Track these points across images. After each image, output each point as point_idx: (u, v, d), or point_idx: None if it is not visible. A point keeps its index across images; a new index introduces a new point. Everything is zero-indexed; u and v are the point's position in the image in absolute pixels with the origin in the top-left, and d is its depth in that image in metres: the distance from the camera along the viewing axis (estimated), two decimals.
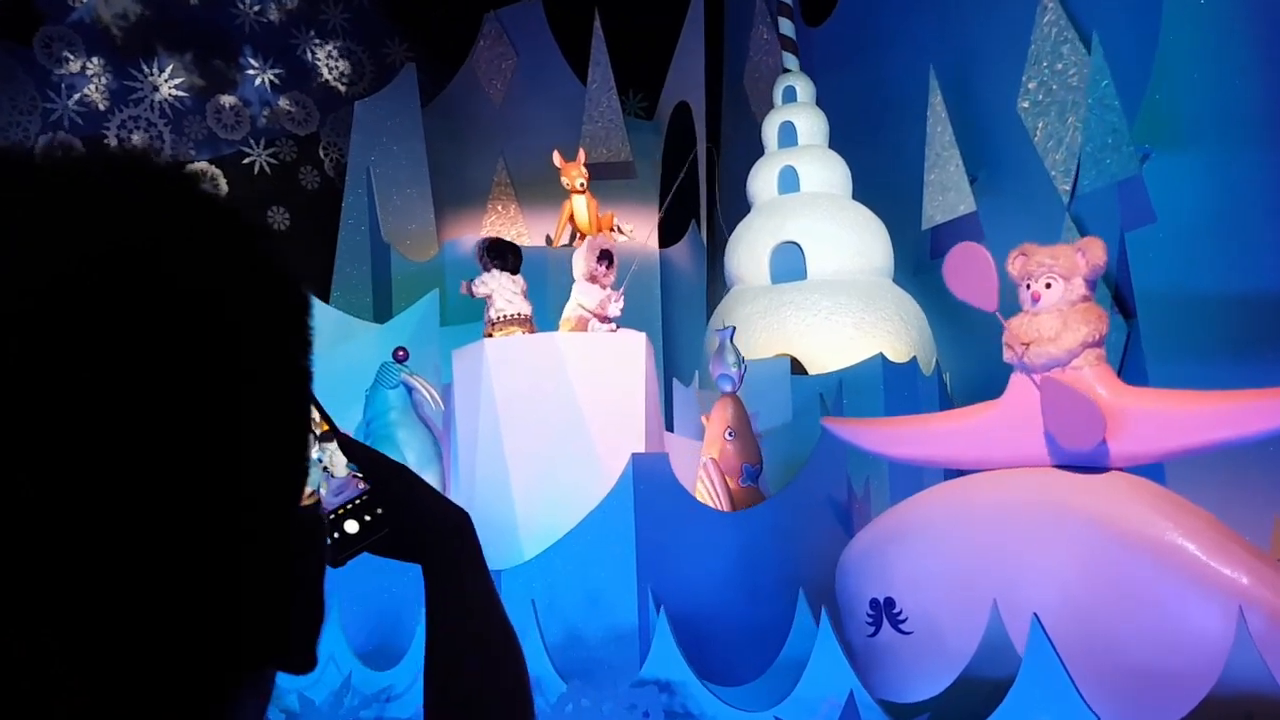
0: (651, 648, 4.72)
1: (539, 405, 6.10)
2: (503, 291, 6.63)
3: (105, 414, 0.50)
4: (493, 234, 10.54)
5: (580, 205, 9.59)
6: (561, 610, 5.24)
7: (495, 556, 5.93)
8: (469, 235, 9.50)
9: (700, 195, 9.86)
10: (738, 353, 6.13)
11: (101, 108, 9.64)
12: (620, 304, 6.34)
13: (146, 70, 9.89)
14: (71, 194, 0.55)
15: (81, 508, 0.49)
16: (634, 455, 5.38)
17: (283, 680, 0.62)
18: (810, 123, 7.47)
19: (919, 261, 7.60)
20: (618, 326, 6.34)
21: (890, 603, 4.59)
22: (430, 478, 7.10)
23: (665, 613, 4.94)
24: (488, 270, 6.72)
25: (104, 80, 9.65)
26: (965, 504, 4.62)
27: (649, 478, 5.31)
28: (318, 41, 10.91)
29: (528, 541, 5.99)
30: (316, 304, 0.64)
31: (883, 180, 7.60)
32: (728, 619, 5.36)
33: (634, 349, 6.18)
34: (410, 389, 7.08)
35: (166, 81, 9.98)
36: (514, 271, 6.76)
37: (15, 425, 0.48)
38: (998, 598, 4.15)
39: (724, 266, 7.69)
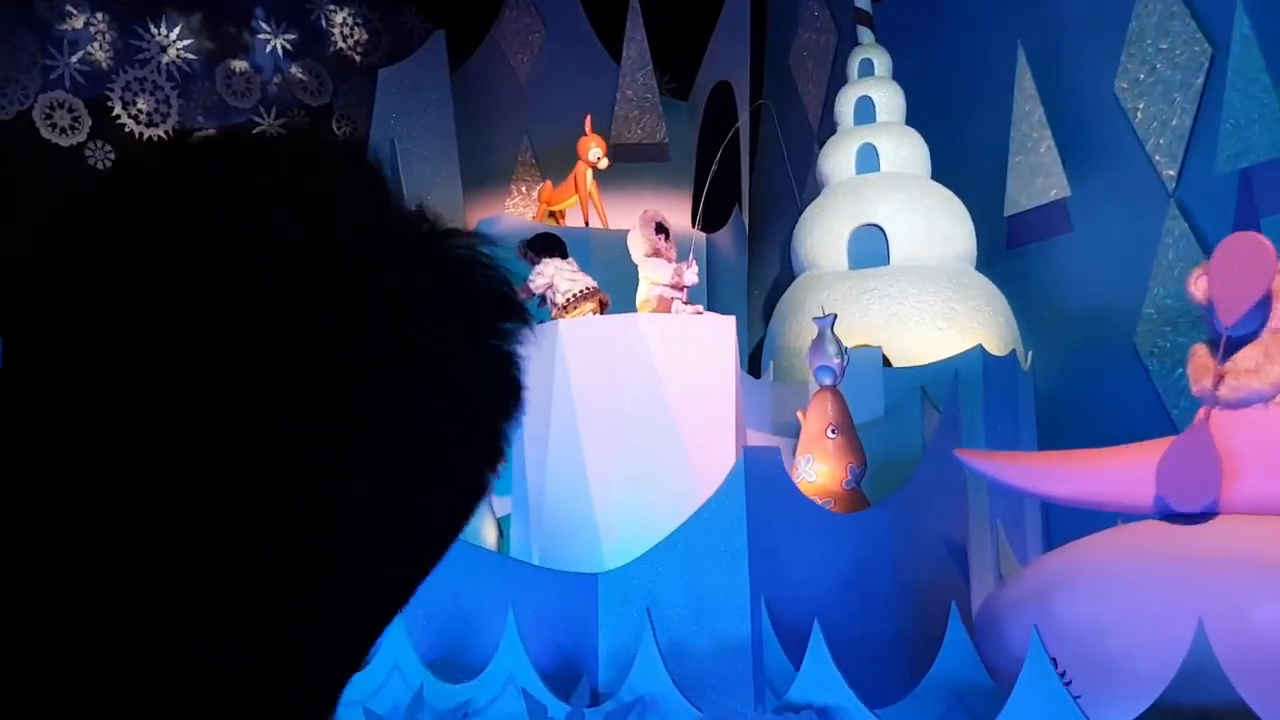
0: (803, 666, 4.14)
1: (619, 392, 5.51)
2: (562, 273, 6.04)
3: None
4: (516, 215, 9.94)
5: (588, 180, 8.93)
6: (665, 618, 4.65)
7: (570, 559, 5.33)
8: (497, 215, 8.86)
9: (742, 179, 9.29)
10: (839, 342, 5.59)
11: (105, 67, 8.86)
12: (695, 270, 5.77)
13: (154, 30, 9.12)
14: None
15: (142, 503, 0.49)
16: (746, 449, 4.81)
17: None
18: (889, 98, 6.95)
19: (993, 250, 7.10)
20: (693, 303, 5.77)
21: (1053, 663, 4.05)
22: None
23: (805, 625, 4.38)
24: (535, 264, 6.13)
25: (108, 38, 8.87)
26: (1150, 554, 4.08)
27: (761, 474, 4.74)
28: (332, 7, 10.19)
29: (609, 543, 5.39)
30: None
31: (956, 162, 7.09)
32: (845, 631, 4.81)
33: (723, 332, 5.62)
34: None
35: (174, 43, 9.21)
36: (563, 256, 6.18)
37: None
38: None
39: (791, 251, 7.13)
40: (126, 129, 8.98)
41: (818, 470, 5.46)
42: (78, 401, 0.49)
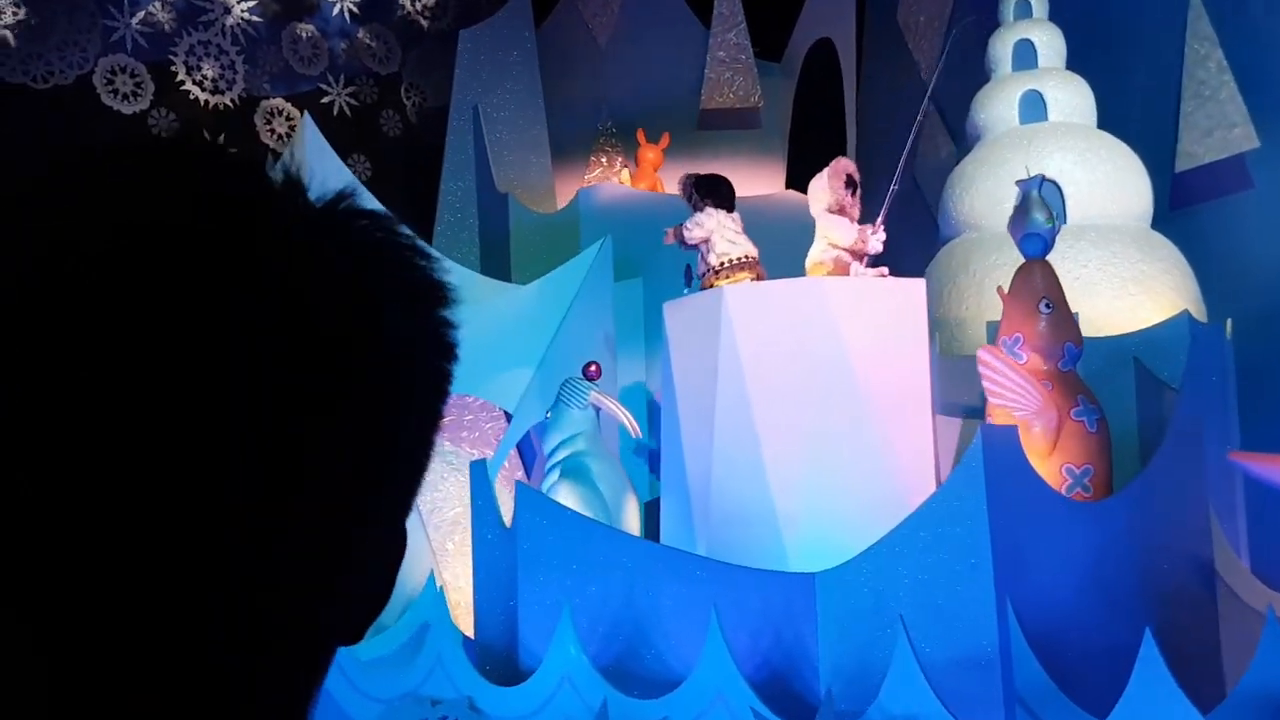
0: (1128, 689, 3.40)
1: (798, 366, 4.76)
2: (723, 231, 5.27)
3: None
4: (619, 182, 9.16)
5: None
6: (894, 625, 3.91)
7: (745, 553, 4.59)
8: (599, 183, 8.10)
9: (848, 142, 8.52)
10: (1049, 207, 4.86)
11: (168, 29, 8.06)
12: (881, 237, 5.02)
13: None
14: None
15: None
16: (984, 426, 4.06)
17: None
18: (1050, 40, 6.18)
19: (1157, 209, 6.34)
20: (874, 265, 5.02)
21: None
22: (628, 513, 5.63)
23: (1051, 631, 3.65)
24: (699, 210, 5.36)
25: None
26: None
27: (1000, 458, 3.99)
28: None
29: (792, 536, 4.65)
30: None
31: (1115, 112, 6.33)
32: (1094, 637, 4.07)
33: (914, 297, 4.87)
34: (599, 410, 5.65)
35: (239, 3, 8.41)
36: (730, 209, 5.41)
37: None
38: None
39: (942, 211, 6.37)
40: (191, 96, 8.20)
41: (1029, 351, 4.67)
42: (74, 401, 0.49)
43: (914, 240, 6.89)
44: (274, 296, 0.51)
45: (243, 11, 8.44)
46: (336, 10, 9.01)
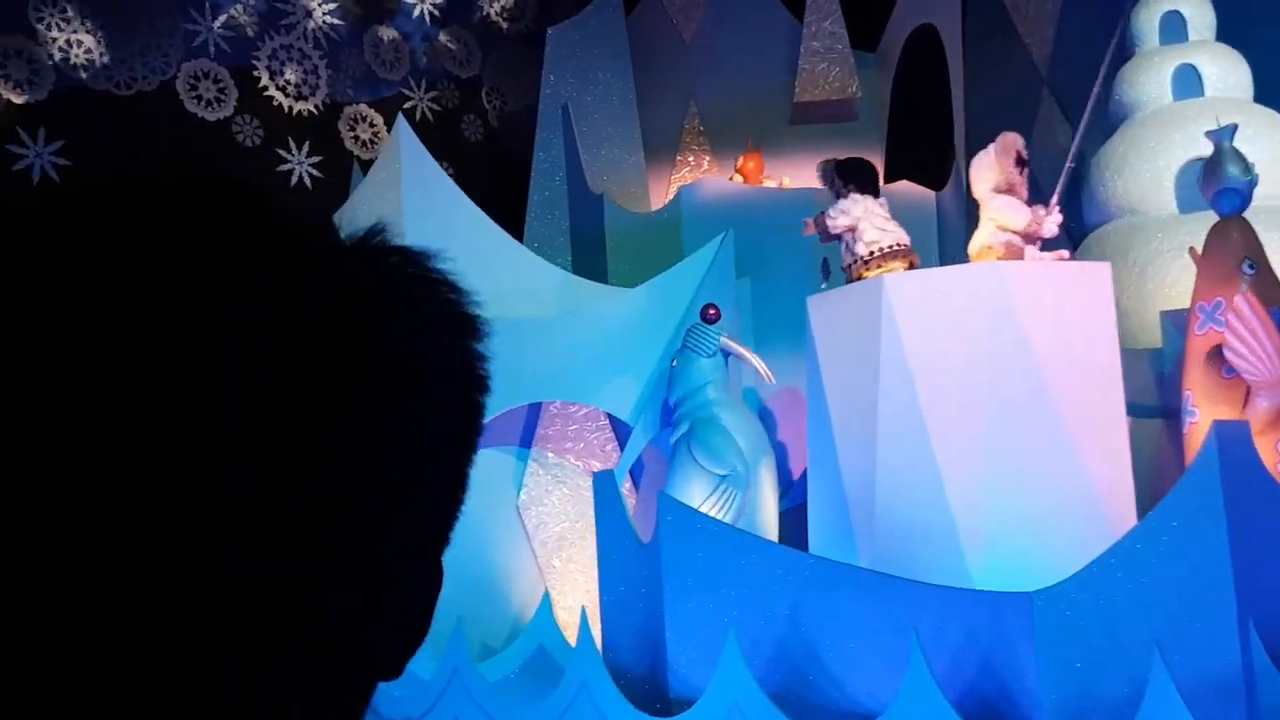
0: None
1: (974, 361, 4.27)
2: (871, 218, 4.81)
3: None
4: (717, 176, 8.73)
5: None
6: (1126, 649, 3.41)
7: (925, 571, 4.11)
8: (700, 180, 7.67)
9: (956, 132, 8.02)
10: (1244, 160, 4.36)
11: (250, 33, 7.75)
12: (1058, 219, 4.54)
13: None
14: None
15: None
16: (1216, 424, 3.55)
17: None
18: (1199, 12, 5.68)
19: None
20: (1055, 250, 4.54)
21: None
22: (764, 469, 5.27)
23: None
24: (842, 196, 4.91)
25: (252, 1, 7.76)
26: None
27: (1234, 458, 3.49)
28: None
29: (974, 548, 4.16)
30: (542, 265, 2.14)
31: (1266, 85, 5.80)
32: None
33: (1099, 283, 4.37)
34: (727, 356, 5.22)
35: (320, 5, 8.10)
36: (876, 194, 4.95)
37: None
38: None
39: (1088, 195, 5.86)
40: (275, 102, 7.89)
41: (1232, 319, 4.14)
42: (70, 403, 0.49)
43: None
44: (269, 301, 0.52)
45: (324, 14, 8.12)
46: (417, 12, 8.68)
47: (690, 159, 8.90)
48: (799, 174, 8.11)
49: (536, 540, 6.75)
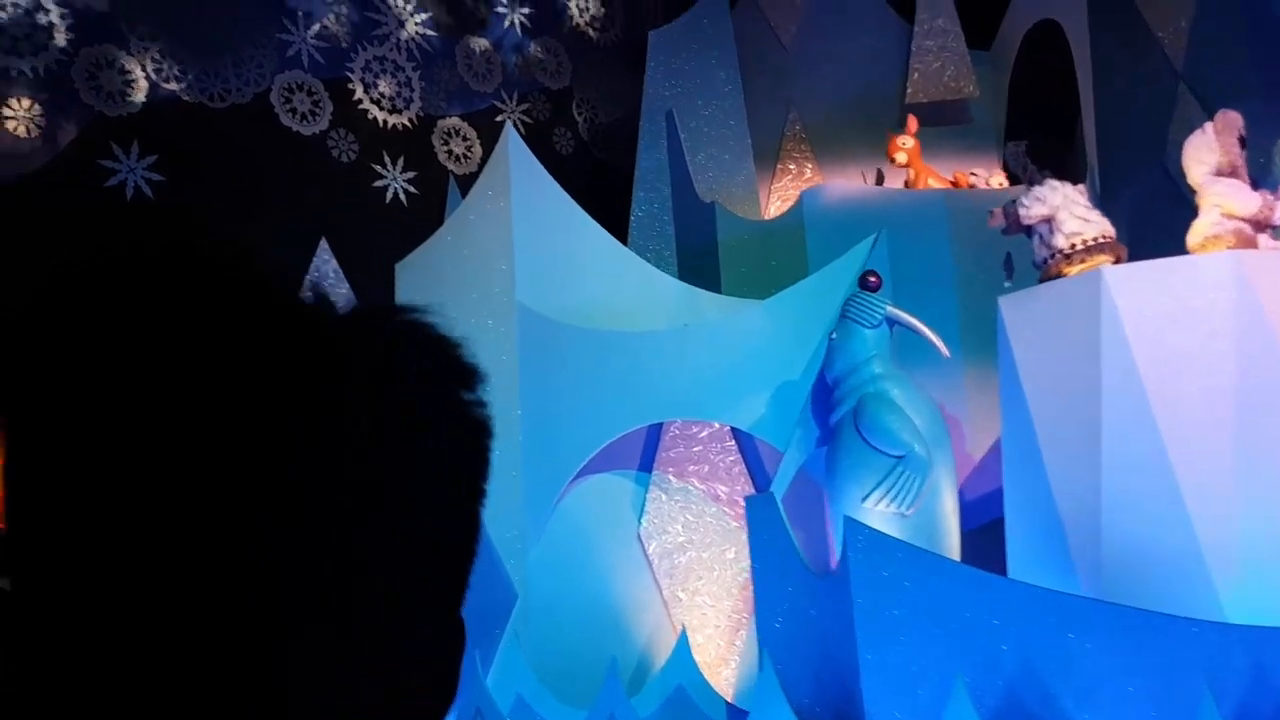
0: None
1: (1219, 364, 3.68)
2: (1071, 207, 4.24)
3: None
4: (791, 196, 8.23)
5: (910, 177, 7.27)
6: None
7: (1167, 602, 3.51)
8: (821, 183, 7.14)
9: (1086, 133, 7.44)
10: None
11: (343, 44, 7.36)
12: None
13: (390, 1, 7.62)
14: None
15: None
16: None
17: None
18: None
19: None
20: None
21: None
22: (943, 452, 4.66)
23: None
24: (1036, 183, 4.35)
25: (344, 10, 7.37)
26: None
27: None
28: None
29: (1224, 576, 3.55)
30: (659, 276, 2.02)
31: None
32: None
33: None
34: (892, 324, 4.65)
35: (412, 15, 7.70)
36: (1074, 180, 4.39)
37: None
38: None
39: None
40: (369, 115, 7.48)
41: None
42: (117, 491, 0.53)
43: (1165, 227, 5.80)
44: (290, 362, 0.57)
45: (417, 25, 7.72)
46: (508, 23, 8.27)
47: (791, 167, 8.37)
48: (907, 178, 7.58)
49: (660, 570, 6.19)
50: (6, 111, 6.03)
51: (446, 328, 0.63)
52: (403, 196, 7.56)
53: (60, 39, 6.15)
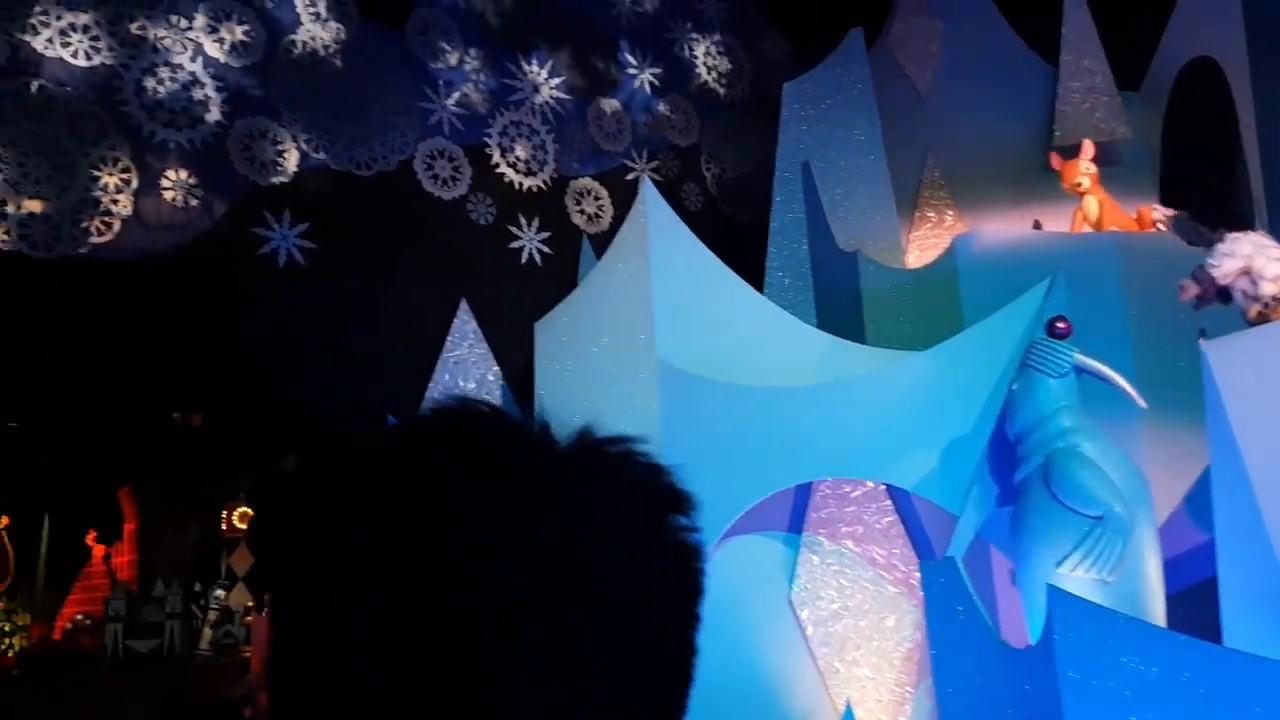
0: None
1: None
2: (1266, 251, 3.87)
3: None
4: (930, 244, 7.94)
5: (1091, 206, 6.90)
6: None
7: None
8: (974, 229, 6.85)
9: (1253, 169, 6.97)
10: None
11: (481, 110, 7.46)
12: None
13: (525, 66, 7.70)
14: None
15: None
16: None
17: None
18: None
19: None
20: None
21: None
22: (1145, 518, 4.27)
23: None
24: (1216, 241, 4.00)
25: (482, 78, 7.49)
26: None
27: None
28: (695, 36, 8.63)
29: None
30: (805, 329, 2.09)
31: None
32: None
33: None
34: (1080, 373, 4.31)
35: (546, 80, 7.77)
36: (1252, 225, 4.03)
37: None
38: None
39: None
40: (506, 179, 7.53)
41: None
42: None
43: None
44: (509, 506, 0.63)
45: (551, 89, 7.78)
46: (638, 83, 8.28)
47: (930, 215, 8.09)
48: (1059, 223, 7.22)
49: (814, 639, 5.86)
50: (164, 182, 6.25)
51: (658, 456, 0.68)
52: (537, 257, 7.56)
53: (215, 112, 6.37)
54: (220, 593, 15.68)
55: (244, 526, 15.98)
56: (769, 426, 5.68)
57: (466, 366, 7.03)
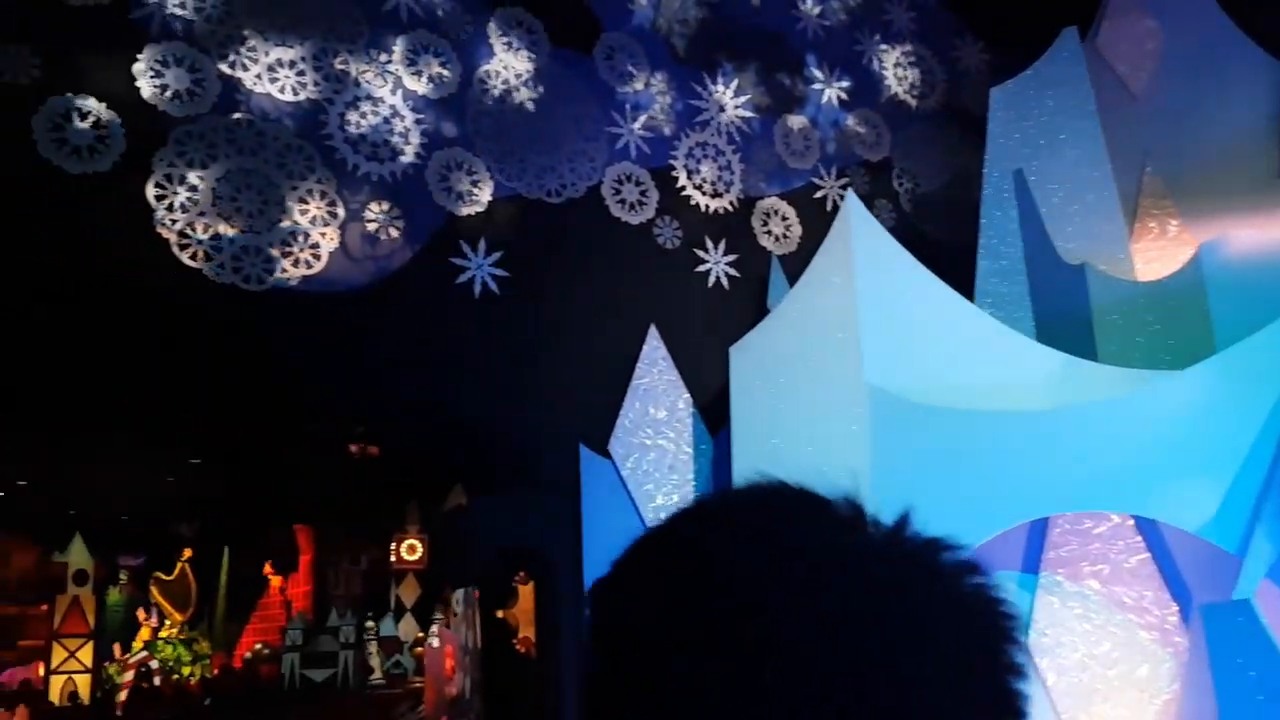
0: None
1: None
2: None
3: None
4: (1154, 255, 7.26)
5: None
6: None
7: None
8: (1226, 234, 6.20)
9: None
10: None
11: (667, 132, 7.28)
12: None
13: (711, 86, 7.49)
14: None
15: None
16: None
17: None
18: None
19: None
20: None
21: None
22: None
23: None
24: None
25: (668, 99, 7.31)
26: None
27: None
28: (884, 47, 8.25)
29: None
30: (1034, 348, 1.86)
31: None
32: None
33: None
34: None
35: (732, 100, 7.53)
36: None
37: None
38: None
39: None
40: (692, 201, 7.31)
41: None
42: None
43: None
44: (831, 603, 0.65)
45: (737, 108, 7.54)
46: (825, 98, 7.95)
47: (1152, 225, 7.41)
48: None
49: (1056, 691, 5.29)
50: (368, 214, 6.28)
51: (996, 584, 0.68)
52: (724, 280, 7.29)
53: (414, 144, 6.39)
54: (390, 623, 15.92)
55: (412, 558, 16.24)
56: (999, 456, 5.19)
57: (656, 394, 6.81)
